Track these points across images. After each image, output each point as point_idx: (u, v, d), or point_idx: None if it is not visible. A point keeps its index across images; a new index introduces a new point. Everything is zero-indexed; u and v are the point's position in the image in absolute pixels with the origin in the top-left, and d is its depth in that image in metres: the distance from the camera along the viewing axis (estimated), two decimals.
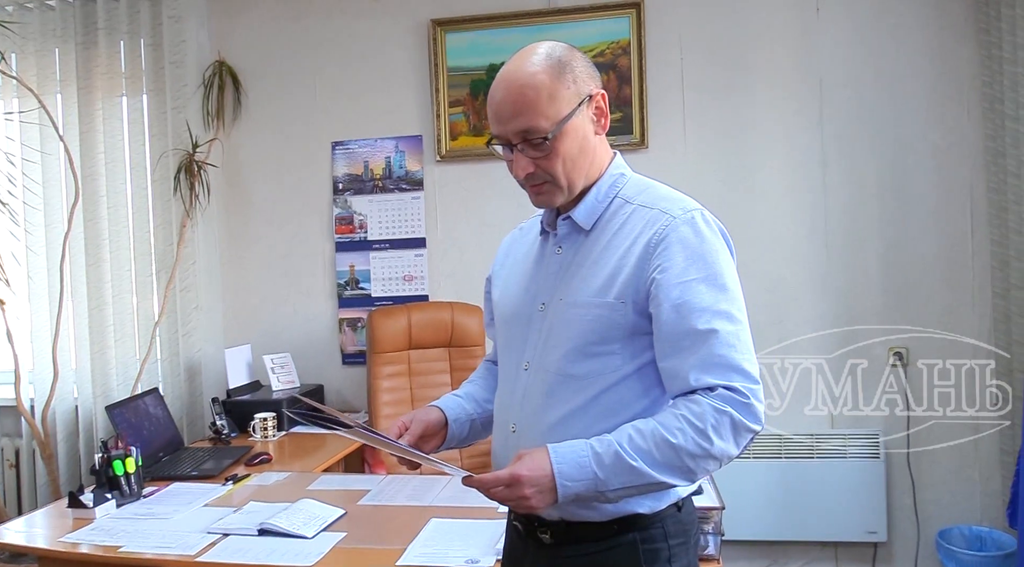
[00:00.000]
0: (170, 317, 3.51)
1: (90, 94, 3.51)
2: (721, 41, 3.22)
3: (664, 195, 1.25)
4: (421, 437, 1.30)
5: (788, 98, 3.19)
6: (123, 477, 2.31)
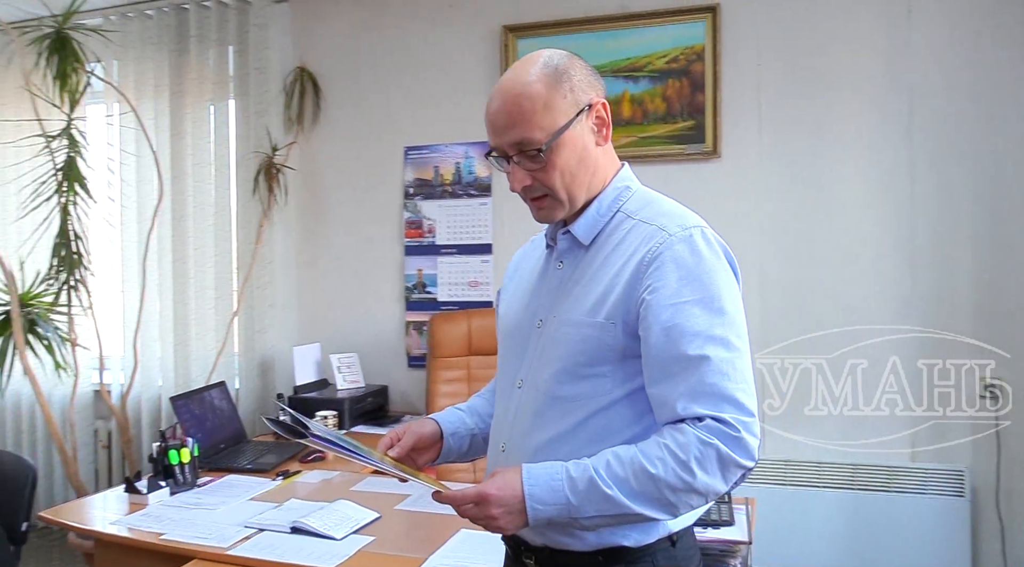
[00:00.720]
0: (246, 314, 3.65)
1: (181, 99, 3.70)
2: (802, 45, 3.06)
3: (665, 210, 1.18)
4: (413, 449, 1.28)
5: (874, 106, 3.00)
6: (177, 466, 2.41)
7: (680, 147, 3.20)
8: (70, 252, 3.17)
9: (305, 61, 3.69)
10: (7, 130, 3.73)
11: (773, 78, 3.10)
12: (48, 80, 3.22)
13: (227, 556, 1.90)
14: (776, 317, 3.11)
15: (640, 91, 3.24)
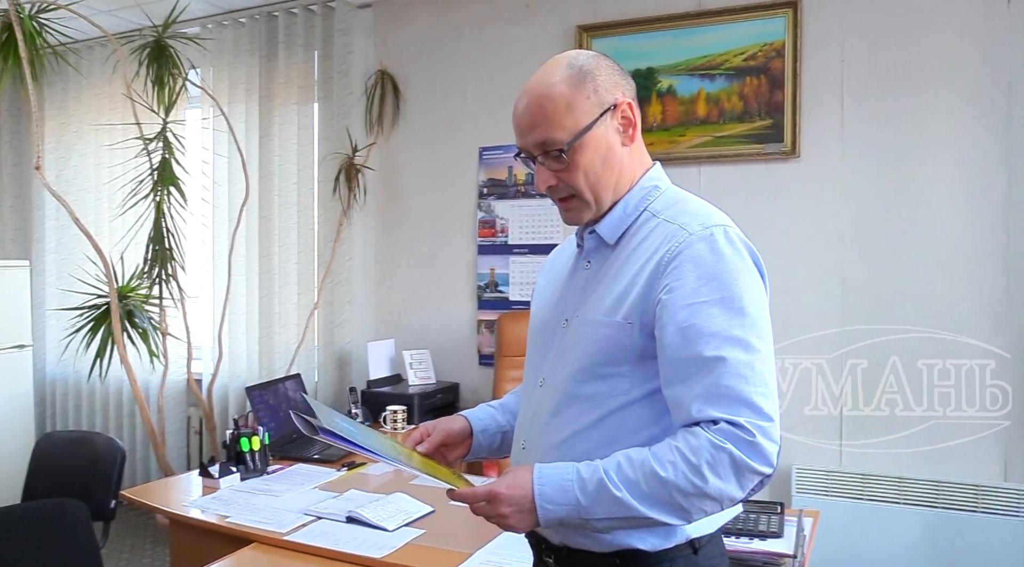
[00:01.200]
0: (326, 309, 3.78)
1: (270, 102, 3.87)
2: (889, 40, 2.92)
3: (691, 210, 1.15)
4: (443, 445, 1.29)
5: (968, 103, 2.83)
6: (248, 454, 2.52)
7: (757, 147, 3.11)
8: (163, 248, 3.37)
9: (386, 64, 3.79)
10: (110, 133, 4.00)
11: (857, 74, 2.97)
12: (148, 86, 3.43)
13: (284, 541, 1.98)
14: (859, 324, 2.97)
15: (716, 89, 3.17)
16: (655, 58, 3.26)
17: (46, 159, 4.52)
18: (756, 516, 1.76)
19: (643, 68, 3.27)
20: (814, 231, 3.04)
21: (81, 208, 4.30)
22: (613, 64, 1.20)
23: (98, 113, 4.29)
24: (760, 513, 1.78)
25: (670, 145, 3.24)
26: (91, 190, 4.37)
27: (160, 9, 3.48)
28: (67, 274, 4.25)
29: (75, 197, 4.34)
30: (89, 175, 4.38)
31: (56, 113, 4.50)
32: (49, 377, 4.56)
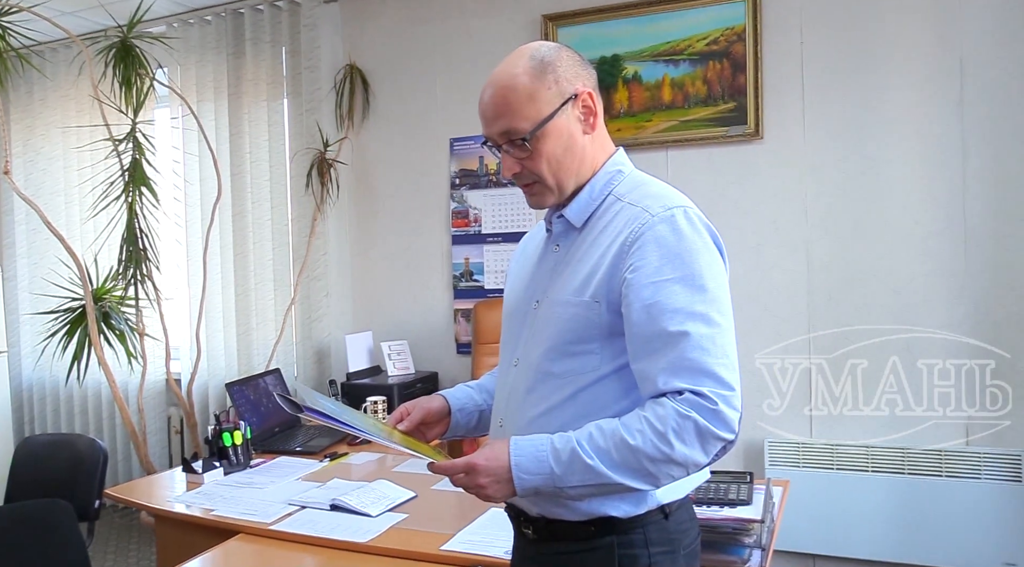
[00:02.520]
0: (303, 304, 3.80)
1: (239, 100, 3.87)
2: (846, 22, 2.99)
3: (653, 192, 1.21)
4: (423, 423, 1.34)
5: (923, 82, 2.91)
6: (231, 448, 2.55)
7: (722, 130, 3.17)
8: (137, 248, 3.37)
9: (354, 58, 3.81)
10: (78, 136, 3.97)
11: (816, 56, 3.04)
12: (115, 87, 3.41)
13: (269, 531, 2.02)
14: (823, 300, 3.06)
15: (681, 74, 3.23)
16: (620, 45, 3.31)
17: (14, 163, 4.48)
18: (727, 486, 1.83)
19: (608, 55, 3.32)
20: (779, 209, 3.11)
21: (52, 211, 4.27)
22: (574, 55, 1.24)
23: (65, 115, 4.26)
24: (731, 483, 1.84)
25: (637, 130, 3.30)
26: (61, 193, 4.34)
27: (125, 9, 3.46)
28: (40, 278, 4.22)
29: (45, 201, 4.33)
30: (59, 178, 4.36)
31: (22, 116, 4.46)
32: (26, 382, 4.53)
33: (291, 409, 1.13)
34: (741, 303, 3.10)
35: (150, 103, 3.74)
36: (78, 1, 3.69)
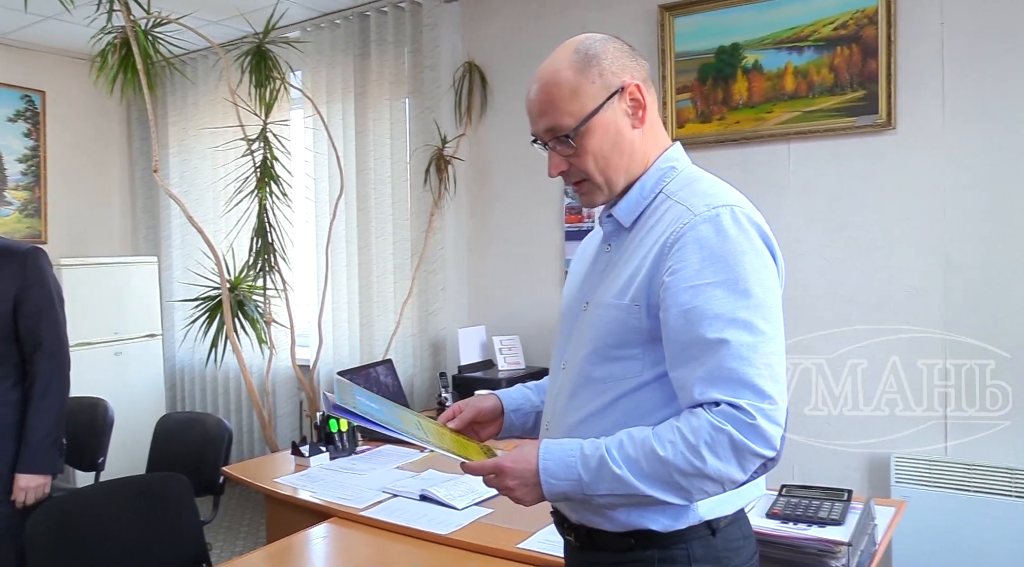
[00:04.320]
0: (420, 297, 3.91)
1: (364, 99, 4.03)
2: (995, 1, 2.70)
3: (700, 190, 1.14)
4: (475, 422, 1.34)
5: None
6: (337, 434, 2.67)
7: (849, 120, 2.96)
8: (265, 241, 3.58)
9: (473, 56, 3.86)
10: (222, 135, 4.27)
11: (959, 36, 2.77)
12: (251, 91, 3.65)
13: (360, 516, 2.10)
14: (962, 302, 2.79)
15: (805, 62, 3.04)
16: (740, 33, 3.16)
17: (171, 162, 4.91)
18: (819, 503, 1.71)
19: (727, 44, 3.18)
20: (913, 206, 2.87)
21: (200, 206, 4.64)
22: (622, 46, 1.19)
23: (212, 117, 4.61)
24: (824, 500, 1.72)
25: (757, 123, 3.14)
26: (208, 189, 4.71)
27: (263, 17, 3.68)
28: (188, 268, 4.60)
29: (196, 196, 4.70)
30: (206, 175, 4.72)
31: (178, 118, 4.87)
32: (178, 363, 4.96)
33: (326, 407, 1.16)
34: (866, 307, 2.92)
35: (285, 104, 3.98)
36: (221, 11, 3.97)
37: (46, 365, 2.15)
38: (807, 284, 3.04)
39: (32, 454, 2.12)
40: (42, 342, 2.15)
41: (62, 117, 4.90)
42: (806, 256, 3.05)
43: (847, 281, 2.98)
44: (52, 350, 2.17)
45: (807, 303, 3.04)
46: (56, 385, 2.17)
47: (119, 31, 3.28)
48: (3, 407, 2.12)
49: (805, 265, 3.05)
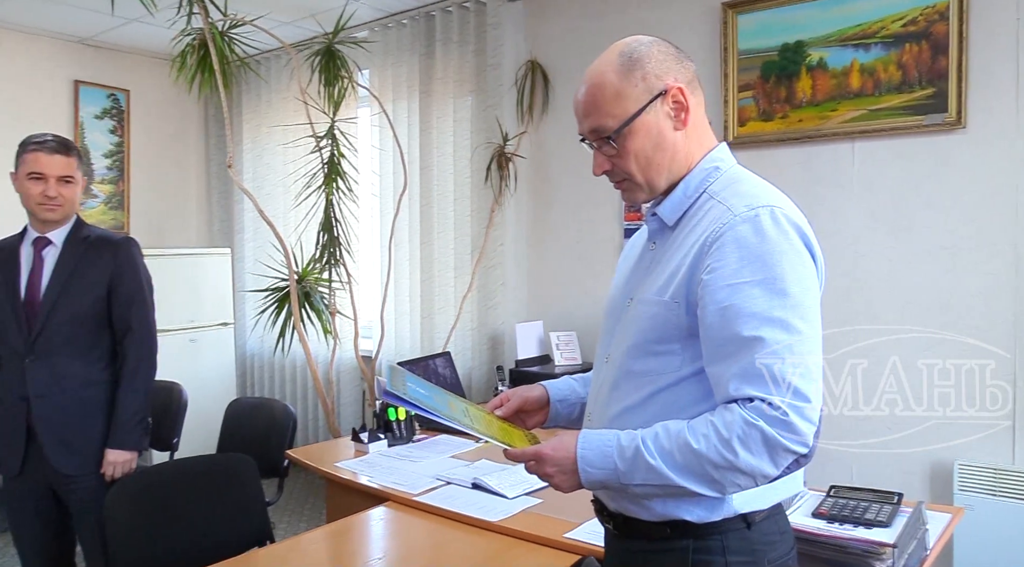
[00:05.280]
0: (479, 291, 3.98)
1: (428, 98, 4.12)
2: None
3: (743, 191, 1.16)
4: (521, 411, 1.39)
5: None
6: (395, 422, 2.76)
7: (917, 118, 2.90)
8: (331, 235, 3.71)
9: (535, 55, 3.91)
10: (293, 132, 4.43)
11: None
12: (320, 89, 3.78)
13: (413, 501, 2.17)
14: None
15: (872, 59, 2.98)
16: (804, 30, 3.12)
17: (245, 157, 5.11)
18: (868, 504, 1.70)
19: (791, 42, 3.14)
20: (982, 207, 2.79)
21: (270, 200, 4.82)
22: (668, 49, 1.22)
23: (282, 115, 4.77)
24: (873, 502, 1.71)
25: (820, 121, 3.10)
26: (278, 184, 4.88)
27: (334, 17, 3.80)
28: (258, 260, 4.78)
29: (267, 191, 4.89)
30: (277, 171, 4.90)
31: (252, 116, 5.07)
32: (248, 351, 5.16)
33: (378, 393, 1.22)
34: (930, 309, 2.85)
35: (352, 102, 4.10)
36: (293, 12, 4.12)
37: (135, 349, 2.30)
38: (869, 285, 3.00)
39: (121, 431, 2.26)
40: (132, 327, 2.30)
41: (144, 115, 5.15)
42: (868, 256, 3.00)
43: (911, 283, 2.92)
44: (141, 335, 2.31)
45: (868, 303, 3.00)
46: (144, 368, 2.32)
47: (198, 33, 3.44)
48: (95, 386, 2.27)
49: (867, 265, 3.00)
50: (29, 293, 2.22)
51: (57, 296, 2.21)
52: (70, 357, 2.23)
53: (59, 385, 2.21)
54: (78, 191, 2.28)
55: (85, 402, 2.24)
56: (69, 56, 4.78)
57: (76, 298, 2.23)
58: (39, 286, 2.22)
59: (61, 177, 2.21)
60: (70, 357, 2.23)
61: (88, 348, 2.26)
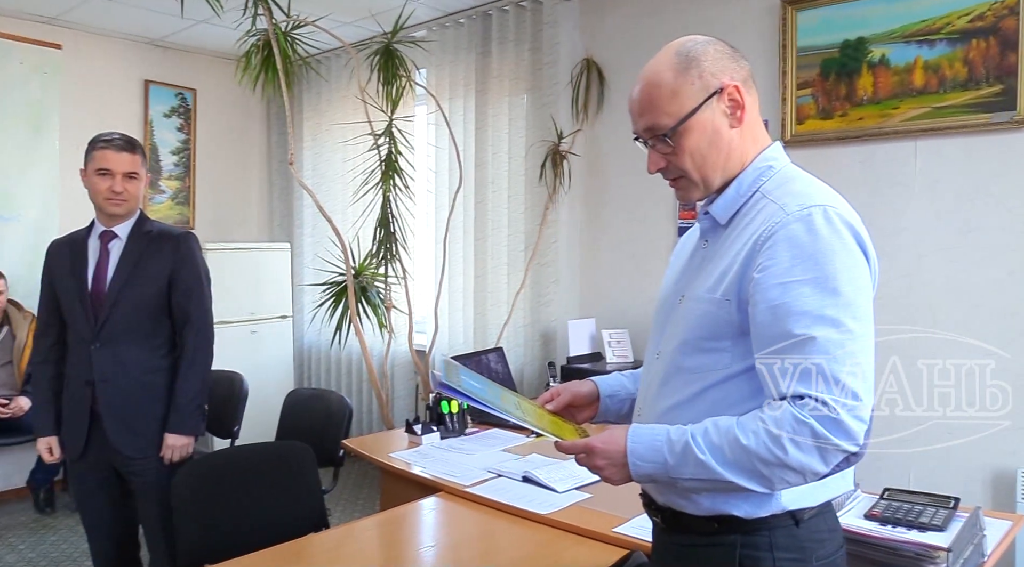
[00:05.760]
0: (532, 288, 4.01)
1: (484, 96, 4.17)
2: None
3: (796, 189, 1.16)
4: (572, 406, 1.41)
5: None
6: (448, 415, 2.81)
7: (984, 116, 2.82)
8: (388, 231, 3.79)
9: (591, 53, 3.92)
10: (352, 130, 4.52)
11: None
12: (379, 88, 3.85)
13: (465, 492, 2.22)
14: None
15: (936, 56, 2.92)
16: (867, 26, 3.06)
17: (305, 155, 5.24)
18: (922, 508, 1.68)
19: (852, 39, 3.09)
20: None
21: (329, 197, 4.93)
22: (724, 48, 1.23)
23: (342, 114, 4.88)
24: (928, 506, 1.69)
25: (881, 119, 3.04)
26: (337, 181, 5.00)
27: (392, 17, 3.88)
28: (317, 255, 4.90)
29: (326, 187, 5.00)
30: (336, 168, 5.01)
31: (312, 114, 5.19)
32: (305, 343, 5.29)
33: (434, 385, 1.26)
34: (996, 313, 2.77)
35: (409, 101, 4.17)
36: (353, 12, 4.21)
37: (193, 338, 2.40)
38: (932, 286, 2.93)
39: (179, 416, 2.36)
40: (190, 318, 2.40)
41: (209, 113, 5.32)
42: (929, 257, 2.93)
43: (975, 285, 2.85)
44: (199, 325, 2.41)
45: (930, 305, 2.93)
46: (201, 357, 2.41)
47: (262, 33, 3.55)
48: (156, 373, 2.38)
49: (929, 266, 2.94)
50: (96, 284, 2.34)
51: (121, 287, 2.32)
52: (133, 344, 2.33)
53: (122, 370, 2.31)
54: (142, 187, 2.38)
55: (146, 387, 2.35)
56: (140, 57, 4.97)
57: (139, 289, 2.33)
58: (105, 277, 2.34)
59: (127, 173, 2.31)
60: (133, 344, 2.33)
61: (149, 336, 2.36)
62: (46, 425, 2.40)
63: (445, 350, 4.27)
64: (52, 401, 2.40)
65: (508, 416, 1.27)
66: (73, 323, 2.35)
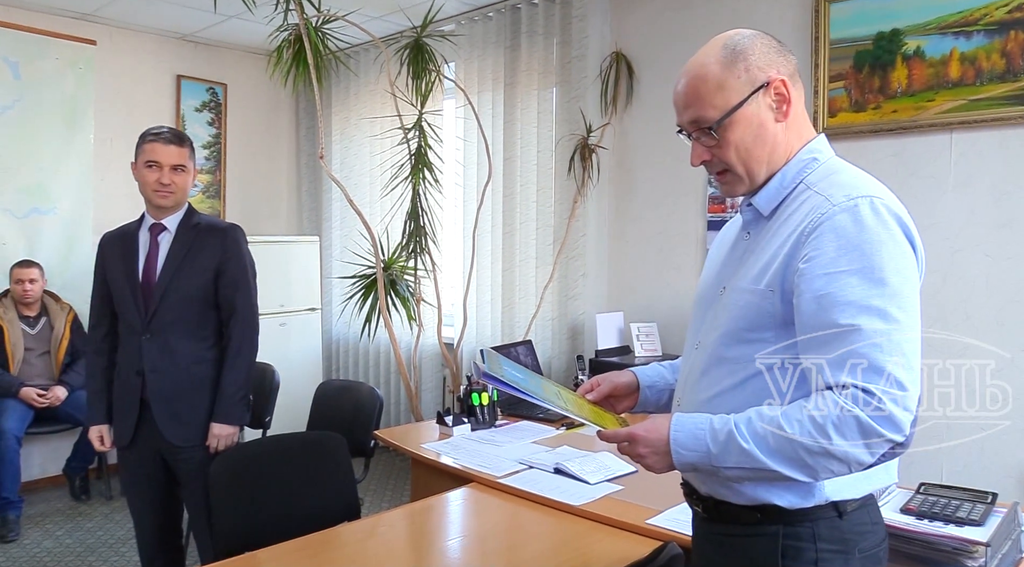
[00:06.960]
0: (560, 282, 4.02)
1: (513, 90, 4.17)
2: None
3: (842, 181, 1.16)
4: (611, 396, 1.43)
5: None
6: (478, 407, 2.83)
7: (1021, 109, 2.78)
8: (417, 225, 3.81)
9: (620, 46, 3.91)
10: (381, 124, 4.55)
11: None
12: (408, 82, 3.87)
13: (497, 483, 2.23)
14: None
15: (973, 47, 2.88)
16: (901, 18, 3.03)
17: (333, 149, 5.28)
18: (960, 503, 1.67)
19: (887, 31, 3.06)
20: None
21: (358, 190, 4.97)
22: (771, 42, 1.23)
23: (371, 108, 4.91)
24: (965, 501, 1.68)
25: (916, 111, 3.01)
26: (366, 174, 5.03)
27: (422, 11, 3.90)
28: (346, 248, 4.94)
29: (355, 181, 5.04)
30: (365, 161, 5.05)
31: (340, 109, 5.23)
32: (334, 335, 5.34)
33: (476, 374, 1.28)
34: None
35: (438, 95, 4.19)
36: (383, 7, 4.23)
37: (239, 330, 2.43)
38: (966, 281, 2.90)
39: (225, 406, 2.40)
40: (236, 309, 2.43)
41: (240, 108, 5.38)
42: (965, 252, 2.90)
43: (1012, 280, 2.82)
44: (245, 317, 2.45)
45: (964, 301, 2.90)
46: (247, 348, 2.45)
47: (293, 28, 3.58)
48: (203, 364, 2.42)
49: (964, 261, 2.91)
50: (146, 275, 2.38)
51: (170, 278, 2.36)
52: (181, 335, 2.37)
53: (171, 361, 2.36)
54: (189, 180, 2.42)
55: (194, 377, 2.39)
56: (172, 51, 5.04)
57: (187, 280, 2.37)
58: (155, 269, 2.38)
59: (174, 166, 2.35)
60: (181, 335, 2.37)
61: (197, 327, 2.40)
62: (98, 414, 2.45)
63: (473, 343, 4.29)
64: (104, 390, 2.45)
65: (550, 405, 1.29)
66: (124, 314, 2.40)
